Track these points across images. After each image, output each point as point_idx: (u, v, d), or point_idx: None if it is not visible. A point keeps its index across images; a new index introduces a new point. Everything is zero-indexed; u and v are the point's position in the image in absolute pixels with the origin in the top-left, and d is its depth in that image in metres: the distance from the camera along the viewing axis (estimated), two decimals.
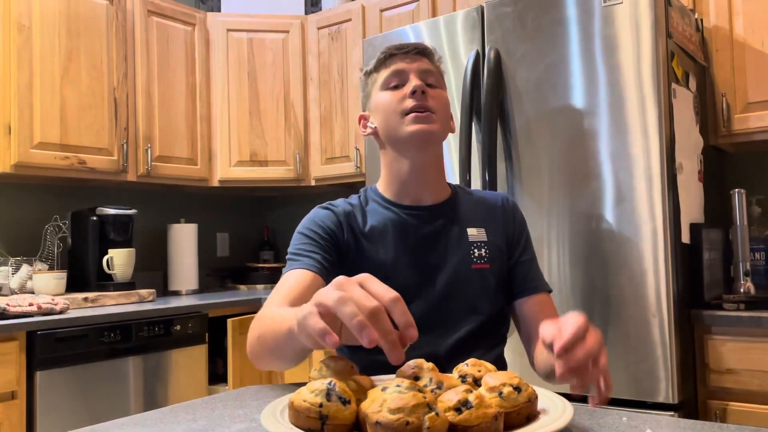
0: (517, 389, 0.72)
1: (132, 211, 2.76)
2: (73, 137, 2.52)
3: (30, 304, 2.13)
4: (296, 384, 1.04)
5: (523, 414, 0.72)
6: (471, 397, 0.68)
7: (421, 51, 1.22)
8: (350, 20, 2.99)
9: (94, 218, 2.66)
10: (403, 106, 1.17)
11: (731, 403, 1.75)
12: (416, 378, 0.77)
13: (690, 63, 1.98)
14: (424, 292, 1.16)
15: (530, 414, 0.73)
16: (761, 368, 1.70)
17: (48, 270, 2.53)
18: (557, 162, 1.88)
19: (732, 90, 2.08)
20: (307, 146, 3.14)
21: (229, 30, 3.11)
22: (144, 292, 2.64)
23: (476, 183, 2.02)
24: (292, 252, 1.17)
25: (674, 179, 1.76)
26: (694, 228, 1.85)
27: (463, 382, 0.79)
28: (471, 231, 1.22)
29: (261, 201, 3.76)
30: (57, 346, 2.10)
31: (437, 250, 1.19)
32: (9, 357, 2.00)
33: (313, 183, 3.13)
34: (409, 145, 1.18)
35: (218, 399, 0.98)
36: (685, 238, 1.80)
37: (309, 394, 0.70)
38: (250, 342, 1.02)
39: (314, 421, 0.68)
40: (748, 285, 1.91)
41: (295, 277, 1.10)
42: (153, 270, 3.11)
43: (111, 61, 2.67)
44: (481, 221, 1.24)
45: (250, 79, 3.10)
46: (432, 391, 0.73)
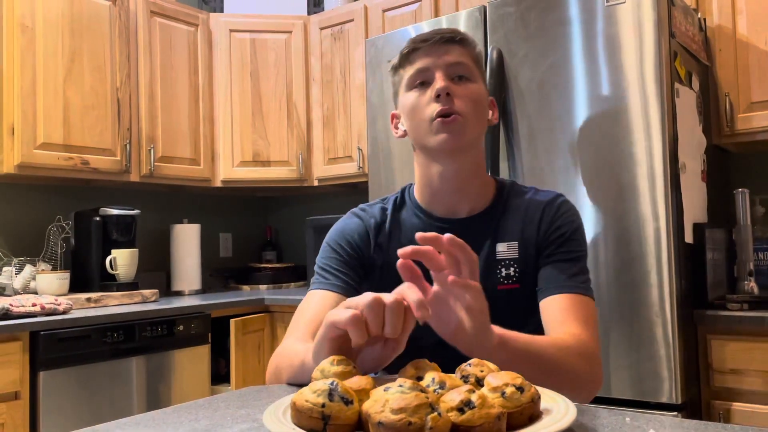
0: (520, 389, 0.72)
1: (135, 212, 2.76)
2: (77, 138, 2.53)
3: (33, 305, 2.13)
4: (299, 385, 1.04)
5: (526, 414, 0.72)
6: (474, 398, 0.67)
7: (448, 39, 1.10)
8: (353, 20, 2.99)
9: (97, 219, 2.66)
10: (429, 111, 1.08)
11: (735, 404, 1.75)
12: (419, 378, 0.77)
13: (693, 62, 1.97)
14: None
15: (533, 414, 0.73)
16: (765, 368, 1.70)
17: (51, 270, 2.53)
18: (559, 162, 1.88)
19: (735, 89, 2.07)
20: (310, 146, 3.14)
21: (232, 30, 3.11)
22: (147, 293, 2.65)
23: None
24: (320, 266, 1.17)
25: (677, 179, 1.76)
26: (698, 228, 1.84)
27: (466, 382, 0.79)
28: (500, 248, 1.11)
29: (264, 201, 3.76)
30: (60, 347, 2.10)
31: None
32: (12, 357, 2.00)
33: (316, 183, 3.13)
34: (438, 154, 1.10)
35: (221, 399, 0.98)
36: (689, 238, 1.80)
37: (311, 394, 0.69)
38: (268, 373, 1.09)
39: (316, 422, 0.68)
40: (752, 285, 1.91)
41: (321, 299, 1.12)
42: (156, 270, 3.12)
43: (114, 62, 2.68)
44: (519, 232, 1.12)
45: (253, 80, 3.11)
46: (434, 391, 0.73)
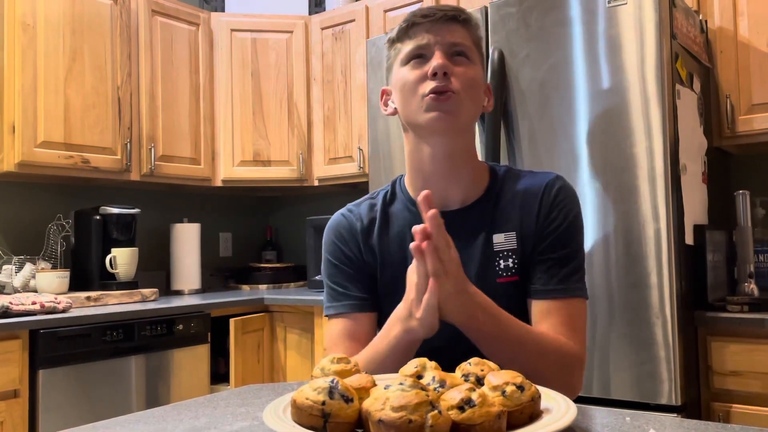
0: (521, 388, 0.72)
1: (135, 211, 2.76)
2: (77, 136, 2.53)
3: (33, 303, 2.13)
4: (299, 383, 1.04)
5: (526, 413, 0.72)
6: (474, 396, 0.67)
7: (452, 17, 1.05)
8: (354, 21, 2.99)
9: (98, 217, 2.66)
10: (423, 88, 1.03)
11: (735, 406, 1.75)
12: (419, 376, 0.77)
13: (694, 64, 1.97)
14: None
15: (533, 413, 0.73)
16: (765, 370, 1.69)
17: (51, 269, 2.53)
18: (560, 163, 1.88)
19: (736, 91, 2.07)
20: (311, 146, 3.14)
21: (233, 30, 3.11)
22: (147, 292, 2.64)
23: None
24: (330, 287, 1.15)
25: (678, 180, 1.76)
26: (698, 229, 1.84)
27: (466, 381, 0.79)
28: (498, 239, 1.07)
29: (264, 201, 3.76)
30: (59, 345, 2.10)
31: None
32: (12, 355, 2.00)
33: (316, 183, 3.13)
34: (430, 132, 1.05)
35: (220, 397, 0.98)
36: (689, 240, 1.80)
37: (312, 392, 0.69)
38: None
39: (317, 419, 0.68)
40: (752, 287, 1.91)
41: (344, 329, 1.11)
42: (156, 269, 3.12)
43: (115, 61, 2.68)
44: (517, 220, 1.07)
45: (254, 79, 3.11)
46: (435, 390, 0.72)
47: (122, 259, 2.64)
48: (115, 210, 2.70)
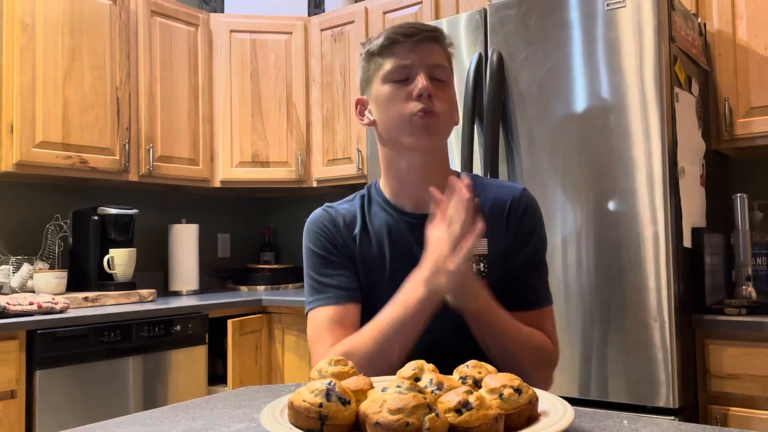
0: (518, 391, 0.72)
1: (133, 211, 2.76)
2: (76, 137, 2.53)
3: (30, 303, 2.13)
4: (296, 384, 1.04)
5: (524, 416, 0.72)
6: (471, 399, 0.67)
7: (433, 37, 1.12)
8: (353, 22, 2.99)
9: (96, 218, 2.66)
10: (409, 109, 1.08)
11: (732, 409, 1.75)
12: (416, 379, 0.77)
13: (693, 67, 1.98)
14: None
15: (531, 416, 0.73)
16: (762, 373, 1.69)
17: (49, 269, 2.53)
18: (559, 165, 1.88)
19: (735, 94, 2.07)
20: (309, 147, 3.14)
21: (232, 31, 3.11)
22: (144, 292, 2.64)
23: None
24: (314, 279, 1.14)
25: (676, 183, 1.76)
26: (696, 232, 1.84)
27: (464, 384, 0.79)
28: None
29: (262, 202, 3.76)
30: (57, 346, 2.10)
31: None
32: (9, 356, 1.99)
33: (315, 184, 3.13)
34: (410, 150, 1.12)
35: (218, 399, 0.98)
36: (687, 243, 1.80)
37: (309, 394, 0.69)
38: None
39: (314, 421, 0.68)
40: (750, 290, 1.91)
41: (326, 318, 1.10)
42: (154, 270, 3.11)
43: (114, 61, 2.68)
44: (488, 227, 1.11)
45: (253, 80, 3.11)
46: (432, 392, 0.72)
47: (120, 260, 2.63)
48: (113, 210, 2.69)
